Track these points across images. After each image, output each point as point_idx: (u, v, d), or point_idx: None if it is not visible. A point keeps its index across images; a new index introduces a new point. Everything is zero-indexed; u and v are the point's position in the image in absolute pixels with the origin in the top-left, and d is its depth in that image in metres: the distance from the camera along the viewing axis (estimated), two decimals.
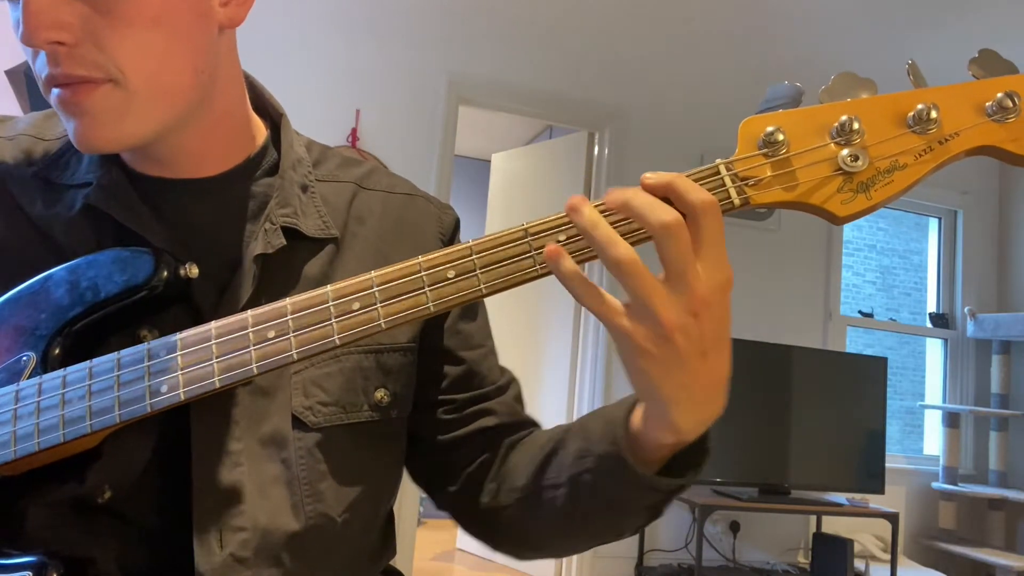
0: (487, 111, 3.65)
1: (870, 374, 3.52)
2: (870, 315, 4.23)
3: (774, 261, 3.76)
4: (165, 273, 0.58)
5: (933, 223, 4.40)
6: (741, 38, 3.46)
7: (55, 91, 0.58)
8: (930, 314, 4.29)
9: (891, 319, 4.90)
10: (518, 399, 0.79)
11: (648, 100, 3.64)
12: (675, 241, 0.49)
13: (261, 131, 0.73)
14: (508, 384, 0.79)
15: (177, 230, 0.65)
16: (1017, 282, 4.13)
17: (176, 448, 0.61)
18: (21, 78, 2.70)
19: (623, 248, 0.49)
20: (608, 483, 0.60)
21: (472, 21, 3.37)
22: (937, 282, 4.33)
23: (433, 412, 0.75)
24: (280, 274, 0.67)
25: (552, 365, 3.71)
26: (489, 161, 4.59)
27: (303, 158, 0.74)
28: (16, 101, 2.73)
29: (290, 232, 0.68)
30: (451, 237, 0.79)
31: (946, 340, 4.24)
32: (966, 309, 4.07)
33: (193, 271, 0.60)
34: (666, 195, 0.51)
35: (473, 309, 0.79)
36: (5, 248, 0.64)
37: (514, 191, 4.23)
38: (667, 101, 3.67)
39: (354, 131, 3.15)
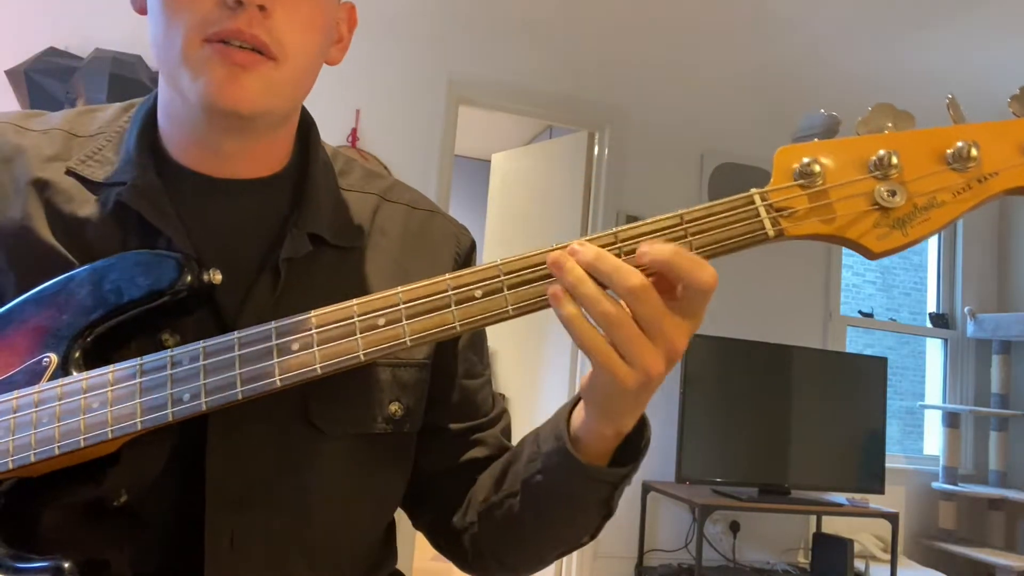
0: (487, 111, 3.64)
1: (870, 374, 3.52)
2: (870, 315, 4.23)
3: (774, 261, 3.76)
4: (189, 278, 0.58)
5: None
6: (741, 39, 3.46)
7: (217, 44, 0.59)
8: (930, 314, 4.29)
9: (891, 319, 4.91)
10: (506, 432, 0.81)
11: (648, 100, 3.63)
12: (643, 303, 0.51)
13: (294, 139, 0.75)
14: (499, 416, 0.81)
15: (204, 231, 0.66)
16: (1017, 282, 4.13)
17: (192, 452, 0.61)
18: (21, 78, 2.68)
19: (607, 304, 0.51)
20: (557, 478, 0.62)
21: (472, 21, 3.36)
22: (937, 282, 4.33)
23: (426, 437, 0.75)
24: (303, 280, 0.67)
25: (553, 366, 3.71)
26: (489, 161, 4.58)
27: (330, 167, 0.76)
28: (16, 101, 2.71)
29: (316, 239, 0.69)
30: (466, 259, 0.80)
31: (946, 340, 4.24)
32: (966, 309, 4.08)
33: (217, 277, 0.60)
34: (665, 273, 0.51)
35: (479, 337, 0.81)
36: (32, 243, 0.64)
37: (514, 191, 4.23)
38: (667, 101, 3.66)
39: (354, 131, 3.14)
